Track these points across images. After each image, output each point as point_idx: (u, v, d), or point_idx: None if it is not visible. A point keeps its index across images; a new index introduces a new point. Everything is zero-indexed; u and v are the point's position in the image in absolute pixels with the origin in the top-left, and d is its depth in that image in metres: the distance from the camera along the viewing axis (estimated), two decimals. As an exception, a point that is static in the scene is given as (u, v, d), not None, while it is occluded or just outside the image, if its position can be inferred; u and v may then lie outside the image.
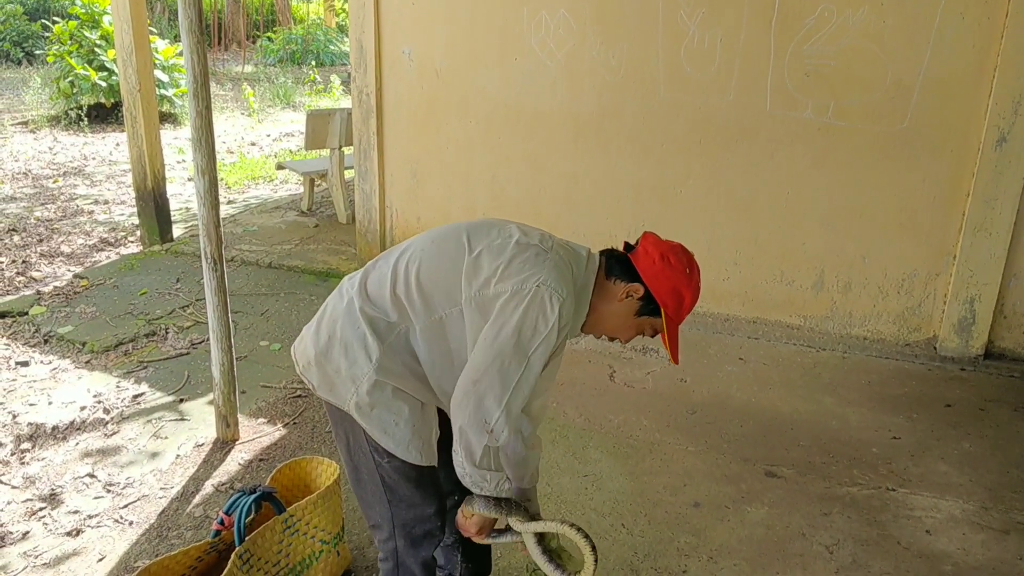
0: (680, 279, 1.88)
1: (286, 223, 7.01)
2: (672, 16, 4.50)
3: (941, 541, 2.95)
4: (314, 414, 3.76)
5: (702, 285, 1.96)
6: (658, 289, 1.87)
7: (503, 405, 1.74)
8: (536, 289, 1.76)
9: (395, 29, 5.12)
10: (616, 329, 1.97)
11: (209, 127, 3.12)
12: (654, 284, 1.88)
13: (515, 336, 1.74)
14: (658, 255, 1.88)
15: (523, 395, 1.77)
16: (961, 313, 4.37)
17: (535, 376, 1.77)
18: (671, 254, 1.89)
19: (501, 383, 1.74)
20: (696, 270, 1.92)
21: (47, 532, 2.88)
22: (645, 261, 1.89)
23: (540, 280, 1.77)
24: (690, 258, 1.92)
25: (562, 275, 1.80)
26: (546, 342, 1.76)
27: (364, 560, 2.78)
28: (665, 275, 1.87)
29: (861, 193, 4.42)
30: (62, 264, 5.86)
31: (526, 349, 1.74)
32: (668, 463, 3.43)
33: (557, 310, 1.75)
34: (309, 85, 15.71)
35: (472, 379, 1.77)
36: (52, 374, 4.11)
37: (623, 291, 1.90)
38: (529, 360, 1.75)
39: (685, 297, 1.89)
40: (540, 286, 1.76)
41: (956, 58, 4.09)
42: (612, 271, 1.93)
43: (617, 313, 1.93)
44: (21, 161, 9.32)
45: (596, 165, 4.91)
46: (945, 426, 3.79)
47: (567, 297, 1.78)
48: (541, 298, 1.75)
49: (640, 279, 1.89)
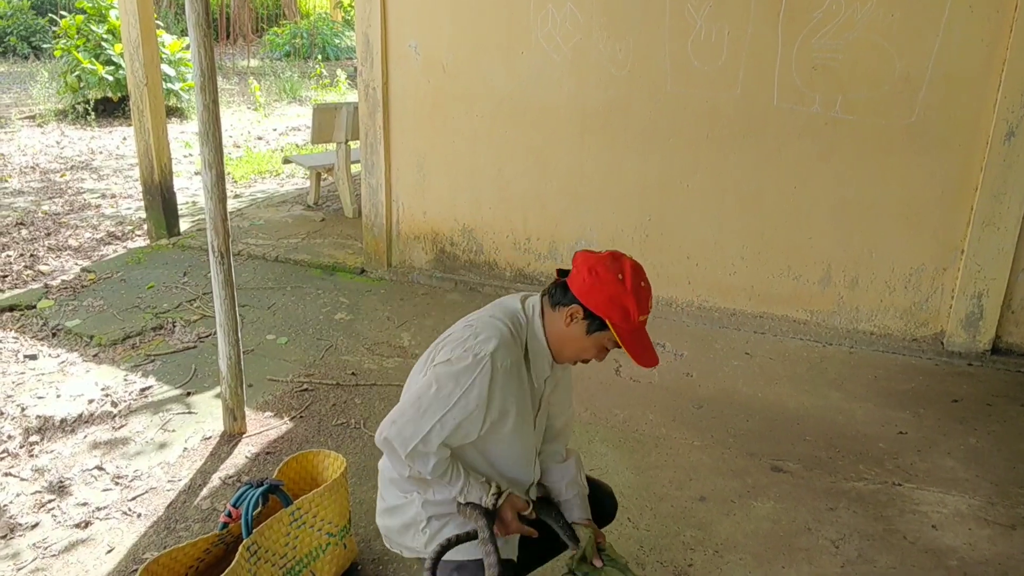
0: (613, 288, 1.89)
1: (292, 217, 7.02)
2: (679, 9, 4.48)
3: (947, 536, 2.95)
4: (321, 407, 3.78)
5: (711, 278, 1.98)
6: (594, 303, 1.90)
7: (411, 446, 1.91)
8: (463, 353, 1.91)
9: (401, 23, 5.12)
10: (578, 352, 2.00)
11: (216, 121, 3.13)
12: (588, 299, 1.91)
13: (435, 385, 1.91)
14: (586, 270, 1.92)
15: (432, 439, 1.90)
16: (969, 308, 4.35)
17: (446, 430, 1.90)
18: (599, 266, 1.92)
19: (414, 425, 1.90)
20: (631, 273, 1.91)
21: (56, 524, 2.90)
22: (576, 279, 1.94)
23: (470, 346, 1.91)
24: (622, 264, 1.92)
25: (500, 345, 1.90)
26: (466, 396, 1.88)
27: (371, 552, 2.79)
28: (596, 288, 1.90)
29: (869, 187, 4.41)
30: (70, 258, 5.88)
31: (442, 402, 1.89)
32: (674, 457, 3.43)
33: (485, 370, 1.88)
34: (315, 79, 15.71)
35: (391, 418, 1.95)
36: (60, 367, 4.14)
37: (566, 315, 1.94)
38: (443, 416, 1.89)
39: (627, 303, 1.88)
40: (469, 350, 1.90)
41: (965, 52, 4.07)
42: (555, 300, 1.99)
43: (571, 337, 1.97)
44: (29, 155, 9.36)
45: (602, 159, 4.90)
46: (952, 421, 3.78)
47: (500, 350, 1.89)
48: (474, 365, 1.88)
49: (576, 299, 1.93)
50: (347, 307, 5.02)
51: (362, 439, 3.51)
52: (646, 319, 1.93)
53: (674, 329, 4.77)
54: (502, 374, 1.91)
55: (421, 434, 1.89)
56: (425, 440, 1.90)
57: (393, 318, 4.87)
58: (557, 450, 2.26)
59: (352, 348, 4.43)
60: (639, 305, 1.89)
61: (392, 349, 4.44)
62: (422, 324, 4.78)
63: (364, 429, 3.59)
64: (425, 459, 1.93)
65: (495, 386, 1.90)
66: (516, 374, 1.96)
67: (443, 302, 5.16)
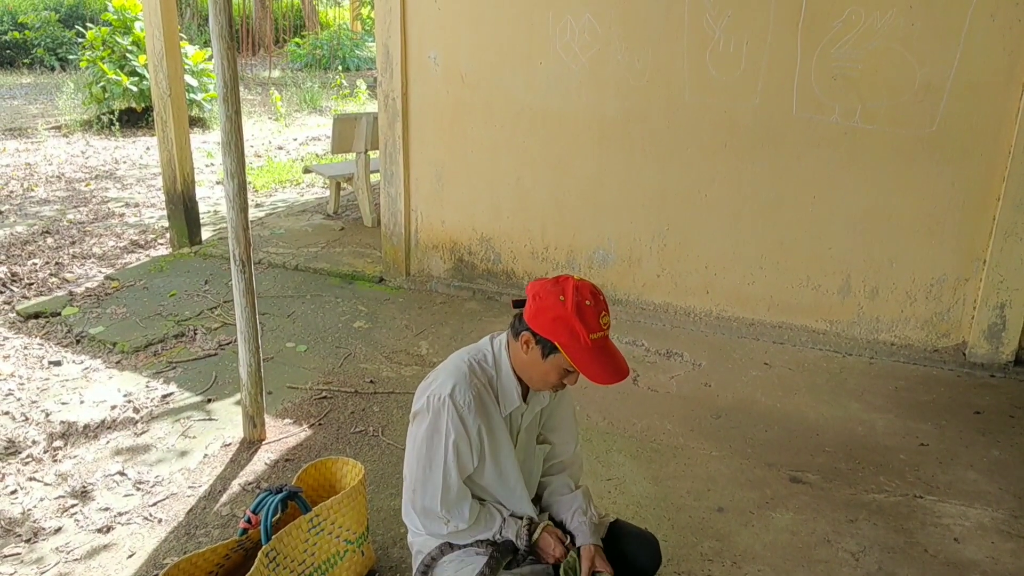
0: (556, 310, 1.92)
1: (312, 226, 7.08)
2: (698, 20, 4.49)
3: (969, 549, 2.91)
4: (339, 415, 3.80)
5: (729, 288, 2.00)
6: (540, 326, 1.95)
7: (439, 500, 2.03)
8: (426, 402, 2.03)
9: (421, 34, 5.16)
10: (543, 377, 2.03)
11: (239, 131, 3.17)
12: (534, 324, 1.96)
13: (423, 446, 2.03)
14: (531, 297, 1.98)
15: (452, 486, 2.03)
16: (991, 319, 4.31)
17: (453, 472, 2.01)
18: (541, 290, 1.96)
19: (430, 485, 2.03)
20: (572, 294, 1.92)
21: (79, 528, 2.94)
22: (526, 307, 2.00)
23: (430, 393, 2.03)
24: (565, 286, 1.95)
25: (456, 384, 2.01)
26: (448, 439, 1.99)
27: (388, 560, 2.80)
28: (541, 312, 1.94)
29: (889, 197, 4.38)
30: (94, 266, 5.96)
31: (433, 455, 2.01)
32: (692, 467, 3.42)
33: (447, 409, 1.98)
34: (335, 90, 15.84)
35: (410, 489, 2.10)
36: (84, 373, 4.19)
37: (521, 343, 1.99)
38: (444, 462, 2.01)
39: (572, 323, 1.90)
40: (430, 398, 2.02)
41: (986, 61, 4.05)
42: (514, 330, 2.05)
43: (531, 364, 2.01)
44: (54, 165, 9.50)
45: (620, 169, 4.91)
46: (974, 433, 3.74)
47: (457, 389, 2.00)
48: (440, 411, 2.00)
49: (527, 326, 1.97)
50: (366, 315, 5.05)
51: (380, 447, 3.53)
52: (602, 336, 1.94)
53: (692, 339, 4.76)
54: (466, 408, 2.00)
55: (440, 487, 2.00)
56: (446, 490, 2.00)
57: (411, 327, 4.89)
58: (566, 483, 2.30)
59: (370, 356, 4.46)
60: (585, 325, 1.90)
61: (410, 357, 4.46)
62: (440, 333, 4.80)
63: (382, 437, 3.61)
64: (460, 507, 2.03)
65: (466, 420, 2.00)
66: (481, 406, 2.03)
67: (461, 311, 5.18)
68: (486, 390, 2.06)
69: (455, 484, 2.02)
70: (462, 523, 2.03)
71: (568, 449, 2.31)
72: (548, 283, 1.97)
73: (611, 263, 5.09)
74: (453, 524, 2.04)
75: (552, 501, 2.28)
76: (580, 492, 2.28)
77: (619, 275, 5.08)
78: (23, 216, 7.23)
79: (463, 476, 2.04)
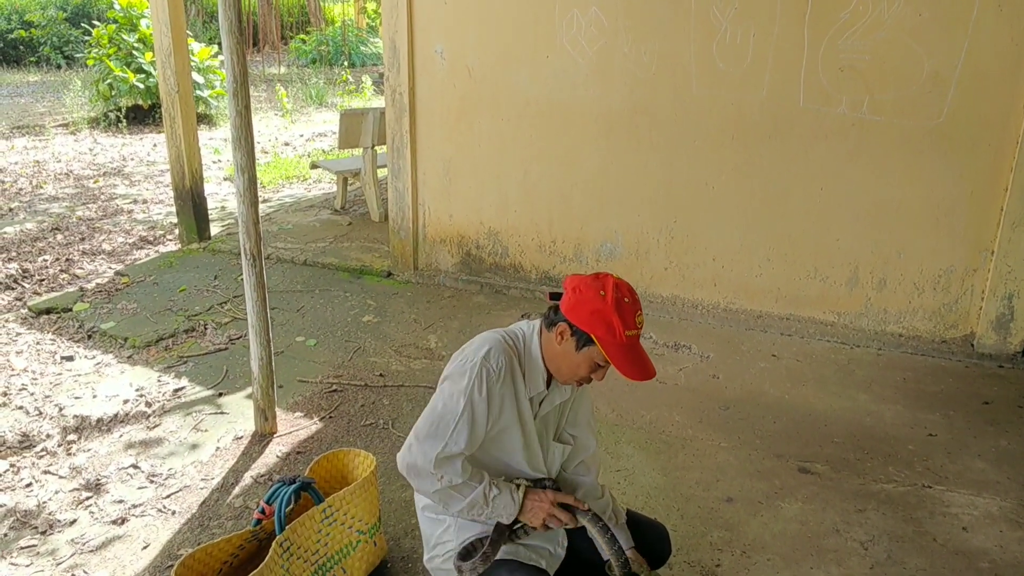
0: (595, 303, 1.94)
1: (320, 221, 7.10)
2: (704, 12, 4.49)
3: (978, 538, 2.92)
4: (349, 408, 3.83)
5: (737, 280, 2.00)
6: (578, 319, 1.96)
7: (434, 456, 2.00)
8: (459, 364, 2.04)
9: (428, 28, 5.17)
10: (573, 369, 2.04)
11: (248, 126, 3.18)
12: (573, 316, 1.97)
13: (441, 401, 2.03)
14: (571, 289, 2.00)
15: (451, 448, 2.00)
16: (999, 309, 4.31)
17: (463, 433, 1.99)
18: (581, 284, 1.99)
19: (432, 440, 2.01)
20: (612, 290, 1.95)
21: (93, 520, 2.97)
22: (564, 300, 2.02)
23: (466, 357, 2.05)
24: (605, 282, 1.97)
25: (492, 348, 2.03)
26: (470, 401, 1.99)
27: (400, 551, 2.82)
28: (580, 305, 1.96)
29: (896, 188, 4.38)
30: (103, 262, 6.00)
31: (447, 411, 2.00)
32: (701, 458, 3.43)
33: (478, 372, 1.99)
34: (341, 86, 15.86)
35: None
36: (96, 368, 4.22)
37: (556, 333, 2.01)
38: (456, 421, 1.99)
39: (610, 317, 1.92)
40: (463, 361, 2.04)
41: (994, 51, 4.04)
42: (548, 321, 2.06)
43: (563, 355, 2.02)
44: (63, 162, 9.55)
45: (628, 161, 4.91)
46: (982, 423, 3.74)
47: (492, 353, 2.02)
48: (469, 371, 2.00)
49: (564, 317, 1.99)
50: (374, 309, 5.08)
51: (390, 439, 3.56)
52: (636, 335, 1.96)
53: (700, 331, 4.77)
54: (496, 372, 2.01)
55: (441, 444, 1.99)
56: (445, 449, 1.99)
57: (420, 320, 4.91)
58: (593, 484, 2.29)
59: (380, 350, 4.48)
60: (622, 320, 1.93)
61: (419, 351, 4.48)
62: (448, 326, 4.82)
63: (392, 429, 3.64)
64: (452, 463, 2.01)
65: (492, 383, 2.00)
66: (510, 376, 2.04)
67: (469, 304, 5.20)
68: (516, 363, 2.07)
69: (458, 446, 1.99)
70: (456, 478, 2.00)
71: (589, 447, 2.31)
72: (588, 278, 2.00)
73: (618, 256, 5.10)
74: (447, 479, 2.01)
75: None
76: (607, 497, 2.29)
77: (626, 268, 5.09)
78: (33, 213, 7.28)
79: (472, 441, 2.01)
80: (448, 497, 2.05)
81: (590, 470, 2.30)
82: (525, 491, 2.09)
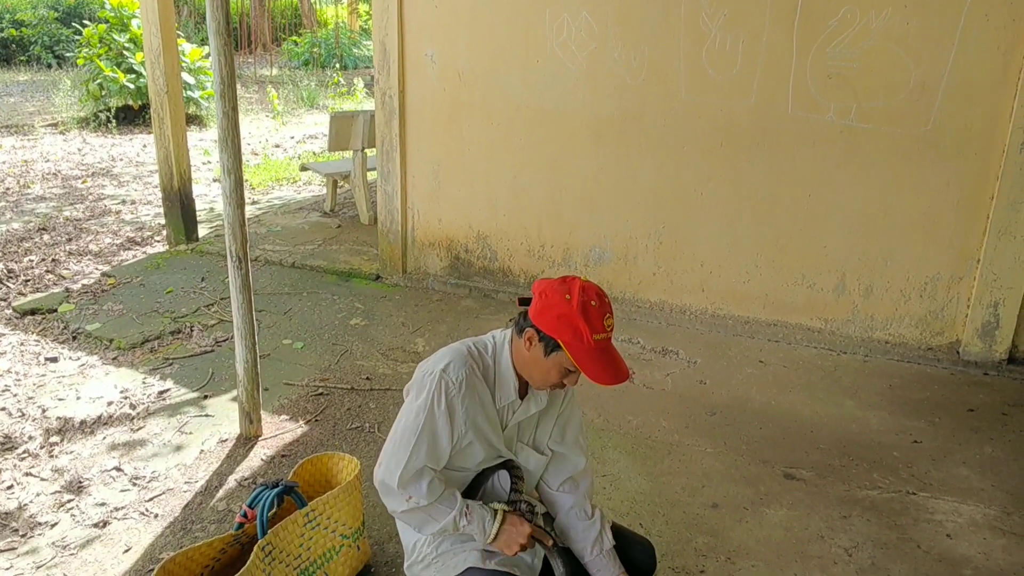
0: (561, 308, 1.92)
1: (309, 224, 7.08)
2: (694, 18, 4.50)
3: (962, 545, 2.93)
4: (336, 411, 3.81)
5: (725, 286, 2.00)
6: (544, 324, 1.95)
7: (398, 475, 1.99)
8: (422, 379, 2.04)
9: (419, 32, 5.17)
10: (544, 375, 2.02)
11: (235, 128, 3.17)
12: (539, 321, 1.96)
13: (403, 418, 2.04)
14: (538, 294, 1.99)
15: (413, 464, 2.00)
16: (985, 317, 4.33)
17: (423, 448, 1.99)
18: (548, 288, 1.97)
19: (395, 457, 2.00)
20: (579, 292, 1.93)
21: (75, 523, 2.94)
22: (532, 305, 2.00)
23: (426, 371, 2.04)
24: (571, 286, 1.95)
25: (452, 361, 2.02)
26: (430, 415, 1.98)
27: (384, 555, 2.81)
28: (547, 310, 1.95)
29: (884, 196, 4.40)
30: (90, 263, 5.96)
31: (408, 427, 2.01)
32: (686, 464, 3.43)
33: (436, 384, 1.99)
34: (333, 88, 15.84)
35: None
36: (80, 370, 4.19)
37: (525, 339, 2.00)
38: (416, 437, 1.99)
39: (576, 322, 1.91)
40: (423, 374, 2.04)
41: (981, 60, 4.06)
42: (518, 327, 2.05)
43: (533, 361, 2.01)
44: (51, 162, 9.50)
45: (617, 167, 4.92)
46: (967, 430, 3.76)
47: (451, 366, 2.01)
48: (428, 384, 2.00)
49: (532, 323, 1.98)
50: (362, 313, 5.06)
51: (376, 443, 3.54)
52: (605, 338, 1.94)
53: (688, 336, 4.77)
54: (456, 385, 1.99)
55: (403, 461, 1.98)
56: (408, 466, 1.98)
57: (408, 324, 4.90)
58: (583, 506, 2.24)
59: (367, 353, 4.47)
60: (589, 324, 1.91)
61: (406, 354, 4.46)
62: (436, 330, 4.81)
63: (378, 433, 3.62)
64: (417, 483, 2.00)
65: (452, 396, 1.99)
66: (472, 388, 2.02)
67: (457, 308, 5.19)
68: (481, 375, 2.06)
69: (420, 461, 1.98)
70: (422, 499, 1.98)
71: (577, 463, 2.25)
72: (555, 282, 1.98)
73: (607, 261, 5.10)
74: (415, 500, 1.99)
75: (568, 525, 2.22)
76: (597, 519, 2.22)
77: (615, 273, 5.09)
78: (19, 213, 7.23)
79: (434, 455, 2.00)
80: (418, 520, 2.04)
81: (578, 487, 2.25)
82: (502, 518, 2.05)
